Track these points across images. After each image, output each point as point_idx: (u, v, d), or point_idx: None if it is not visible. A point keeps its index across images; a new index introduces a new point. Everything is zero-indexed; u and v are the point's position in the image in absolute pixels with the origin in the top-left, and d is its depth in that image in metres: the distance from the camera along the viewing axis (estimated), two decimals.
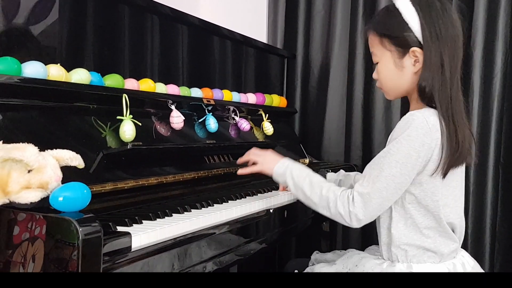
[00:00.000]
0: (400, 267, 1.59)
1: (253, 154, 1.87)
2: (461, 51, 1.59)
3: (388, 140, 1.59)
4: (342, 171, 2.08)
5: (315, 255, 1.98)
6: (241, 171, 1.88)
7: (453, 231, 1.63)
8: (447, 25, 1.55)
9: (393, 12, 1.60)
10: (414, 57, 1.58)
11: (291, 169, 1.71)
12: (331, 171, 2.13)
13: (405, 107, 2.84)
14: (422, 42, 1.56)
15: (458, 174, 1.63)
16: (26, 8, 1.58)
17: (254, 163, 1.85)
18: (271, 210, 1.90)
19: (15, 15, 1.56)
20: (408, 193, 1.57)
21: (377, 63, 1.68)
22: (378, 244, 1.71)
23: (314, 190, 1.63)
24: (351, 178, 2.00)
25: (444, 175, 1.54)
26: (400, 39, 1.59)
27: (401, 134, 1.53)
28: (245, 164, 1.91)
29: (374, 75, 1.71)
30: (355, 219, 1.56)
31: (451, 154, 1.52)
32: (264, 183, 2.05)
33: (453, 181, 1.61)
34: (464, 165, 1.65)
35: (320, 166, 2.81)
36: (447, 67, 1.54)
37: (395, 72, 1.63)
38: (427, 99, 1.58)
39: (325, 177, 2.04)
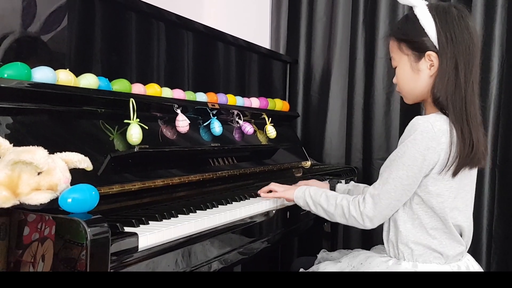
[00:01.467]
0: (406, 266, 1.60)
1: (274, 185, 1.94)
2: (477, 57, 1.60)
3: (398, 143, 1.61)
4: (352, 182, 2.11)
5: (322, 254, 2.00)
6: (264, 195, 1.94)
7: (461, 235, 1.64)
8: (463, 31, 1.56)
9: (411, 18, 1.62)
10: (430, 61, 1.59)
11: (308, 190, 1.79)
12: (340, 181, 2.14)
13: (404, 112, 2.85)
14: (437, 47, 1.57)
15: (470, 179, 1.64)
16: (36, 15, 1.58)
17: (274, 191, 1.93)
18: (274, 211, 1.90)
19: (25, 22, 1.56)
20: (415, 195, 1.58)
21: (395, 68, 1.70)
22: (382, 244, 1.71)
23: (330, 202, 1.70)
24: (360, 189, 2.01)
25: (454, 174, 1.55)
26: (416, 43, 1.61)
27: (408, 138, 1.55)
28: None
29: (394, 80, 1.73)
30: (367, 219, 1.60)
31: (464, 156, 1.53)
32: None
33: (466, 185, 1.62)
34: (476, 169, 1.65)
35: (322, 168, 2.81)
36: (462, 71, 1.56)
37: (412, 75, 1.65)
38: (441, 105, 1.59)
39: (335, 186, 2.09)
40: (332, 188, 2.09)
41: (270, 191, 1.94)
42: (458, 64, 1.55)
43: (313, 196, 1.75)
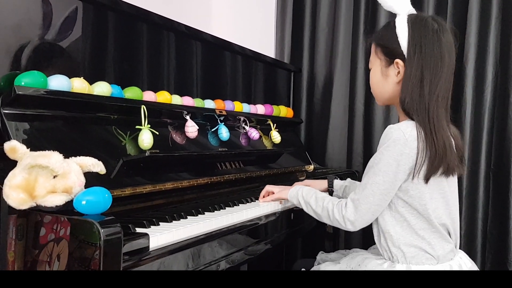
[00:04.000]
0: (400, 268, 1.58)
1: (269, 186, 1.97)
2: (446, 72, 1.57)
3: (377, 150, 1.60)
4: (349, 179, 2.11)
5: (320, 255, 1.98)
6: (263, 200, 1.94)
7: (449, 234, 1.62)
8: (433, 46, 1.55)
9: (391, 26, 1.63)
10: (397, 68, 1.60)
11: (301, 190, 1.79)
12: (339, 178, 2.14)
13: None
14: (405, 56, 1.57)
15: (448, 183, 1.62)
16: (52, 25, 1.59)
17: (271, 193, 1.95)
18: (278, 213, 1.89)
19: (41, 33, 1.56)
20: (399, 199, 1.58)
21: (370, 69, 1.72)
22: None
23: (318, 203, 1.71)
24: (356, 186, 2.00)
25: (426, 180, 1.54)
26: (389, 49, 1.62)
27: (382, 145, 1.55)
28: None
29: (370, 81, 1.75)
30: (349, 222, 1.60)
31: (432, 161, 1.52)
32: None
33: (445, 186, 1.60)
34: (456, 176, 1.64)
35: (324, 172, 2.80)
36: (427, 83, 1.54)
37: (381, 79, 1.66)
38: (407, 112, 1.58)
39: (332, 182, 2.09)
40: (330, 183, 2.10)
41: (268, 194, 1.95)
42: (423, 76, 1.54)
43: (305, 196, 1.75)
